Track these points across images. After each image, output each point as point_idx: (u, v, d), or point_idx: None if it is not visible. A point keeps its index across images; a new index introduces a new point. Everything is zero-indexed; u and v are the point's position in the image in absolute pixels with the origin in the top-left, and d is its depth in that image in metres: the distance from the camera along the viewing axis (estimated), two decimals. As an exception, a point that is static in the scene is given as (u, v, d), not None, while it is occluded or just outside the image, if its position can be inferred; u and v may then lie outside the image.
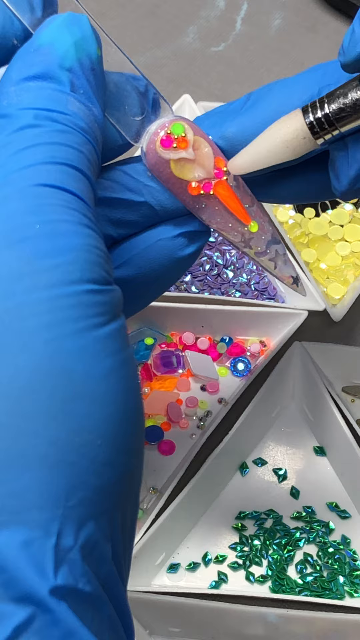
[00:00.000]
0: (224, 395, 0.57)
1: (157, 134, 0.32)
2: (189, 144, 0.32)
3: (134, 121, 0.32)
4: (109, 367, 0.27)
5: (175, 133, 0.32)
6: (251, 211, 0.34)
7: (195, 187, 0.32)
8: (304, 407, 0.56)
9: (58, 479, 0.26)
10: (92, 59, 0.30)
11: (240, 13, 0.74)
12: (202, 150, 0.32)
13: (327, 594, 0.50)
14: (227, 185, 0.33)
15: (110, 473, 0.27)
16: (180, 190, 0.32)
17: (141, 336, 0.57)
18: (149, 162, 0.32)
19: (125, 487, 0.28)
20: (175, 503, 0.50)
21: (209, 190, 0.32)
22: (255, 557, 0.52)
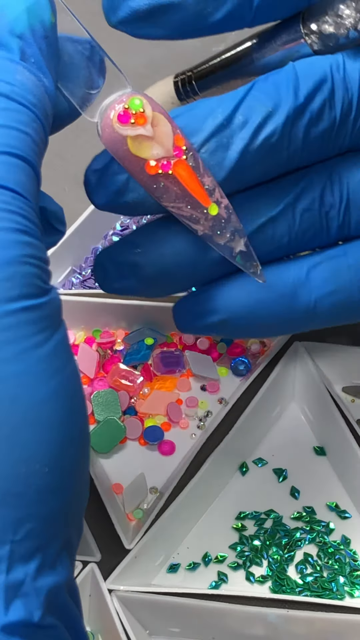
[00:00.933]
0: (224, 395, 0.57)
1: (114, 108, 0.30)
2: (147, 120, 0.31)
3: (89, 94, 0.31)
4: (54, 388, 0.25)
5: (133, 108, 0.30)
6: (211, 193, 0.32)
7: (153, 166, 0.31)
8: (304, 407, 0.56)
9: (4, 513, 0.24)
10: (45, 26, 0.28)
11: (241, 13, 0.74)
12: (161, 127, 0.31)
13: (328, 594, 0.50)
14: (186, 165, 0.31)
15: (57, 500, 0.25)
16: (137, 169, 0.31)
17: (141, 336, 0.57)
18: (104, 138, 0.31)
19: (72, 510, 0.26)
20: (176, 503, 0.50)
21: (167, 170, 0.31)
22: (255, 557, 0.52)
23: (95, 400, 0.55)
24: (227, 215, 0.33)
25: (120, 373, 0.56)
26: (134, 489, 0.53)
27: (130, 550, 0.49)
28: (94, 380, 0.56)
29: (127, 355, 0.56)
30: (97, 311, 0.56)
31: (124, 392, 0.55)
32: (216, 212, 0.32)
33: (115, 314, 0.57)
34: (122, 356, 0.57)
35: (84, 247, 0.61)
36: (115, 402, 0.55)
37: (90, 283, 0.59)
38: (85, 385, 0.56)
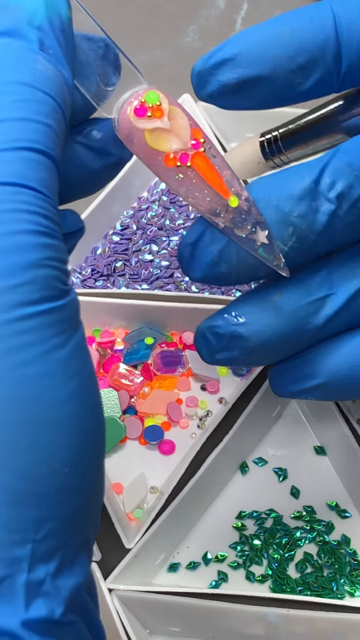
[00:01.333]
0: (224, 395, 0.57)
1: (131, 103, 0.30)
2: (164, 113, 0.30)
3: (105, 91, 0.31)
4: (73, 389, 0.25)
5: (150, 102, 0.30)
6: (231, 185, 0.32)
7: (171, 158, 0.30)
8: (304, 407, 0.56)
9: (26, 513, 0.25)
10: (62, 19, 0.28)
11: (241, 13, 0.74)
12: (178, 120, 0.31)
13: (328, 594, 0.50)
14: (205, 157, 0.31)
15: (76, 499, 0.26)
16: (155, 162, 0.31)
17: (141, 336, 0.57)
18: (121, 132, 0.30)
19: (89, 509, 0.27)
20: (175, 503, 0.50)
21: (186, 162, 0.31)
22: (255, 557, 0.52)
23: (95, 399, 0.55)
24: (247, 207, 0.32)
25: (120, 373, 0.56)
26: (134, 488, 0.53)
27: (130, 550, 0.49)
28: (94, 380, 0.56)
29: (127, 354, 0.56)
30: (97, 311, 0.56)
31: (124, 391, 0.55)
32: (237, 204, 0.32)
33: (115, 313, 0.57)
34: (122, 356, 0.57)
35: (84, 247, 0.61)
36: (115, 401, 0.55)
37: (90, 283, 0.59)
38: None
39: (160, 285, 0.59)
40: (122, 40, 0.75)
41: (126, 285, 0.59)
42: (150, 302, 0.56)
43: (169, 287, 0.59)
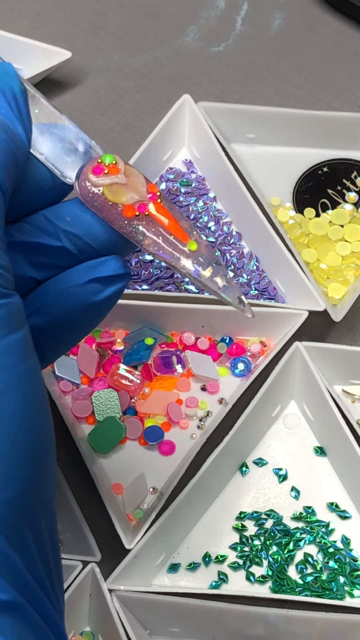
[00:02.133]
0: (224, 395, 0.57)
1: (87, 166, 0.32)
2: (120, 170, 0.32)
3: (66, 161, 0.33)
4: (6, 382, 0.27)
5: (106, 162, 0.32)
6: (189, 232, 0.33)
7: (130, 209, 0.32)
8: (304, 407, 0.56)
9: None
10: (13, 90, 0.31)
11: (241, 13, 0.74)
12: (134, 177, 0.32)
13: (328, 594, 0.50)
14: (161, 205, 0.33)
15: (12, 487, 0.27)
16: (115, 215, 0.32)
17: (141, 336, 0.57)
18: (82, 193, 0.32)
19: (33, 498, 0.28)
20: (175, 503, 0.50)
21: (144, 211, 0.32)
22: (255, 557, 0.52)
23: (95, 400, 0.55)
24: (207, 251, 0.34)
25: (120, 373, 0.56)
26: (134, 489, 0.53)
27: (131, 550, 0.49)
28: (94, 380, 0.56)
29: (127, 355, 0.56)
30: (97, 311, 0.56)
31: (124, 392, 0.55)
32: (195, 248, 0.33)
33: (115, 314, 0.57)
34: (122, 356, 0.57)
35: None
36: (115, 402, 0.55)
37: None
38: (85, 385, 0.56)
39: (160, 286, 0.59)
40: (122, 40, 0.76)
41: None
42: (150, 302, 0.56)
43: (169, 287, 0.59)
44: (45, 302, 0.32)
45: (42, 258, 0.33)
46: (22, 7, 0.74)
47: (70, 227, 0.32)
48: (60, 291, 0.32)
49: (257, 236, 0.60)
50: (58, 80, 0.70)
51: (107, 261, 0.33)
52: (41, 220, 0.33)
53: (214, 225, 0.62)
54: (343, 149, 0.66)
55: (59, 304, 0.32)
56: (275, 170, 0.65)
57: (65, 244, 0.32)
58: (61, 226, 0.32)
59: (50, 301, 0.32)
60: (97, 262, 0.32)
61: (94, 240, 0.32)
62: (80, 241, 0.32)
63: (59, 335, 0.33)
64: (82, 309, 0.33)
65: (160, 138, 0.62)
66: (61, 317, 0.32)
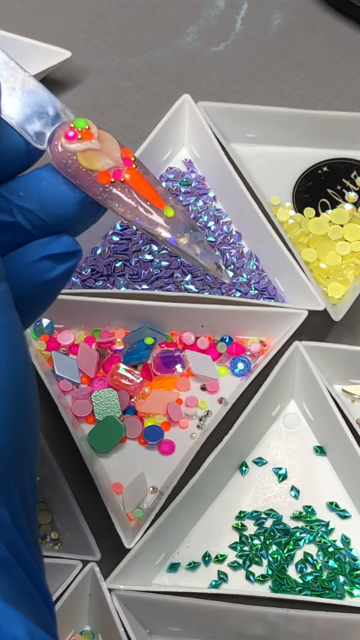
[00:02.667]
0: (224, 395, 0.57)
1: (59, 131, 0.32)
2: (93, 135, 0.32)
3: (37, 125, 0.32)
4: None
5: (79, 126, 0.32)
6: (165, 198, 0.33)
7: (105, 175, 0.31)
8: (304, 407, 0.56)
9: None
10: None
11: (240, 13, 0.74)
12: (108, 142, 0.32)
13: (327, 594, 0.50)
14: (137, 172, 0.32)
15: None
16: (90, 182, 0.31)
17: (141, 336, 0.57)
18: (55, 159, 0.32)
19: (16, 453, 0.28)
20: (175, 503, 0.50)
21: (119, 178, 0.32)
22: (255, 557, 0.52)
23: (95, 399, 0.55)
24: (183, 217, 0.33)
25: (119, 373, 0.56)
26: (134, 488, 0.53)
27: (130, 550, 0.49)
28: (94, 380, 0.56)
29: (127, 354, 0.56)
30: (97, 311, 0.56)
31: (124, 391, 0.55)
32: (172, 214, 0.33)
33: (115, 313, 0.57)
34: (122, 356, 0.57)
35: (84, 247, 0.60)
36: (115, 401, 0.55)
37: (90, 283, 0.59)
38: (85, 384, 0.56)
39: (160, 286, 0.59)
40: (122, 40, 0.76)
41: (126, 286, 0.59)
42: (150, 302, 0.56)
43: (169, 287, 0.59)
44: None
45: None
46: (22, 7, 0.74)
47: (24, 202, 0.32)
48: (14, 268, 0.32)
49: (257, 236, 0.60)
50: (58, 80, 0.70)
51: (59, 238, 0.32)
52: None
53: (214, 224, 0.62)
54: (343, 148, 0.66)
55: (13, 280, 0.32)
56: (275, 170, 0.65)
57: (19, 219, 0.32)
58: (15, 201, 0.32)
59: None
60: (48, 240, 0.32)
61: (47, 215, 0.32)
62: (34, 216, 0.32)
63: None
64: (36, 286, 0.32)
65: (160, 138, 0.62)
66: (16, 294, 0.32)
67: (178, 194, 0.63)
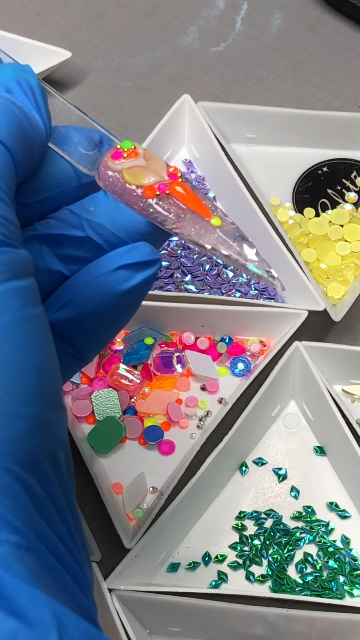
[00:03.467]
0: (224, 395, 0.57)
1: (107, 154, 0.32)
2: (139, 154, 0.32)
3: (86, 155, 0.32)
4: (6, 322, 0.27)
5: (125, 147, 0.32)
6: (213, 208, 0.32)
7: (150, 189, 0.31)
8: (304, 407, 0.56)
9: None
10: (30, 83, 0.31)
11: (240, 13, 0.74)
12: (154, 161, 0.32)
13: (327, 594, 0.50)
14: (182, 184, 0.32)
15: (18, 425, 0.26)
16: (135, 197, 0.31)
17: (141, 336, 0.57)
18: (102, 180, 0.31)
19: (43, 438, 0.27)
20: (175, 503, 0.50)
21: (164, 191, 0.31)
22: (255, 557, 0.52)
23: (95, 399, 0.55)
24: (232, 228, 0.33)
25: (119, 373, 0.56)
26: (134, 488, 0.53)
27: (131, 550, 0.49)
28: (94, 380, 0.56)
29: (127, 354, 0.56)
30: (97, 311, 0.56)
31: (124, 391, 0.55)
32: (220, 223, 0.32)
33: (115, 313, 0.57)
34: (122, 356, 0.57)
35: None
36: (115, 401, 0.55)
37: (90, 283, 0.59)
38: (85, 384, 0.56)
39: (160, 286, 0.59)
40: (122, 40, 0.75)
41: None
42: (150, 302, 0.56)
43: (169, 287, 0.59)
44: (72, 294, 0.32)
45: (67, 250, 0.32)
46: (22, 7, 0.74)
47: (93, 217, 0.31)
48: (88, 281, 0.31)
49: (257, 236, 0.60)
50: (58, 80, 0.70)
51: (136, 247, 0.32)
52: (65, 214, 0.32)
53: (214, 225, 0.62)
54: (343, 149, 0.66)
55: (86, 294, 0.31)
56: (275, 170, 0.65)
57: (90, 233, 0.32)
58: (84, 216, 0.32)
59: (77, 293, 0.31)
60: (125, 249, 0.31)
61: (118, 228, 0.32)
62: (105, 230, 0.31)
63: (91, 328, 0.32)
64: (111, 298, 0.31)
65: (160, 138, 0.62)
66: (90, 308, 0.31)
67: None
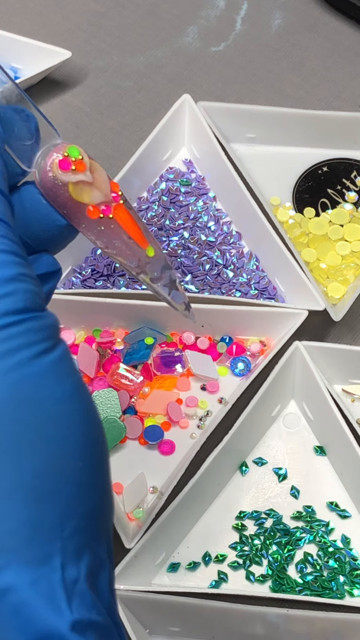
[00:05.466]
0: (224, 395, 0.57)
1: (51, 156, 0.31)
2: (86, 167, 0.31)
3: (24, 146, 0.31)
4: (70, 388, 0.27)
5: (73, 155, 0.31)
6: (146, 234, 0.33)
7: (94, 210, 0.31)
8: (304, 407, 0.56)
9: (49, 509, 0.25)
10: None
11: (240, 13, 0.74)
12: (99, 173, 0.32)
13: (327, 594, 0.50)
14: (125, 209, 0.32)
15: (95, 496, 0.27)
16: (78, 214, 0.31)
17: (141, 336, 0.57)
18: (44, 185, 0.31)
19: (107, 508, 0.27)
20: (175, 503, 0.50)
21: (108, 214, 0.31)
22: (255, 557, 0.52)
23: (95, 399, 0.55)
24: (162, 256, 0.33)
25: (120, 373, 0.56)
26: (134, 488, 0.53)
27: (131, 550, 0.49)
28: (94, 380, 0.56)
29: (127, 354, 0.56)
30: (97, 311, 0.56)
31: (124, 391, 0.55)
32: (153, 254, 0.33)
33: (115, 313, 0.57)
34: (122, 356, 0.57)
35: (84, 247, 0.61)
36: (115, 401, 0.55)
37: (90, 283, 0.59)
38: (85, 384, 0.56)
39: (160, 285, 0.59)
40: (122, 40, 0.75)
41: (126, 286, 0.59)
42: (150, 302, 0.56)
43: (169, 287, 0.59)
44: None
45: None
46: (22, 7, 0.74)
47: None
48: None
49: (257, 236, 0.60)
50: (58, 80, 0.70)
51: (40, 259, 0.32)
52: None
53: (214, 224, 0.62)
54: (343, 148, 0.66)
55: None
56: (275, 170, 0.65)
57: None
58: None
59: None
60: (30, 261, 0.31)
61: (30, 237, 0.32)
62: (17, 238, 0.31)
63: None
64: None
65: (160, 138, 0.62)
66: None
67: (178, 194, 0.63)
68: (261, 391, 0.53)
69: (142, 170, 0.62)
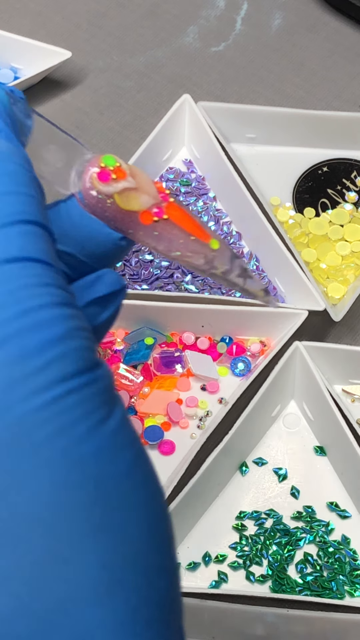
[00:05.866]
0: (224, 395, 0.57)
1: (88, 172, 0.29)
2: (126, 173, 0.29)
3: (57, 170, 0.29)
4: (131, 459, 0.24)
5: (110, 165, 0.29)
6: (206, 228, 0.30)
7: (147, 215, 0.29)
8: (304, 407, 0.56)
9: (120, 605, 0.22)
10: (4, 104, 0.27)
11: (240, 13, 0.74)
12: (140, 176, 0.29)
13: (327, 594, 0.50)
14: (177, 206, 0.29)
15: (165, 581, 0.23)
16: (130, 224, 0.29)
17: (141, 336, 0.57)
18: (88, 204, 0.29)
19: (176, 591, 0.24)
20: (175, 503, 0.50)
21: (162, 216, 0.29)
22: (255, 557, 0.52)
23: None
24: (227, 247, 0.31)
25: (120, 373, 0.56)
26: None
27: (131, 550, 0.49)
28: (94, 380, 0.56)
29: (127, 354, 0.56)
30: (97, 311, 0.56)
31: (124, 391, 0.55)
32: (218, 246, 0.30)
33: (115, 313, 0.57)
34: (122, 356, 0.57)
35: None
36: (115, 401, 0.55)
37: (90, 283, 0.59)
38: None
39: (160, 286, 0.59)
40: (122, 40, 0.75)
41: (126, 286, 0.59)
42: (150, 302, 0.56)
43: (169, 287, 0.59)
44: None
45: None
46: (22, 7, 0.74)
47: (64, 246, 0.28)
48: None
49: (257, 236, 0.60)
50: (58, 80, 0.70)
51: (102, 277, 0.29)
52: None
53: (214, 225, 0.62)
54: (343, 148, 0.66)
55: None
56: (275, 170, 0.65)
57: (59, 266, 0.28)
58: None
59: None
60: (90, 280, 0.28)
61: (87, 255, 0.29)
62: (74, 259, 0.29)
63: None
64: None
65: (160, 138, 0.62)
66: None
67: (178, 194, 0.63)
68: (261, 391, 0.53)
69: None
